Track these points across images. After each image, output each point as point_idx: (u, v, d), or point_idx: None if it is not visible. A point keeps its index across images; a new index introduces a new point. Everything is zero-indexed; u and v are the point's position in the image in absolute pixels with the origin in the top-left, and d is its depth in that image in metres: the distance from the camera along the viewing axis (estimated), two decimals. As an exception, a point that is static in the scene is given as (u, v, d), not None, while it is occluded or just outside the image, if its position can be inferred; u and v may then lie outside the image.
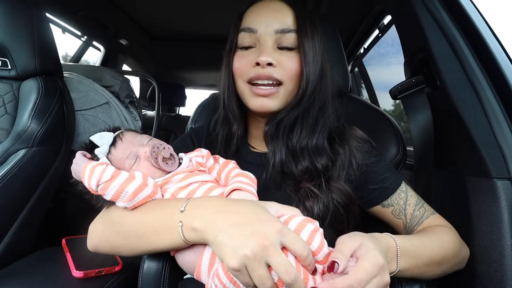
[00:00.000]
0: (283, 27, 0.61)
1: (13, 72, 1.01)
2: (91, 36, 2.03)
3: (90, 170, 0.55)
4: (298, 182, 0.62)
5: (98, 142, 0.63)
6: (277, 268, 0.42)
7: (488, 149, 0.61)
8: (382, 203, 0.64)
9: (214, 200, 0.52)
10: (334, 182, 0.61)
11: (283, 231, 0.44)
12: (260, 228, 0.44)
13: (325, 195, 0.60)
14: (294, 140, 0.64)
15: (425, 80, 0.76)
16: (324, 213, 0.59)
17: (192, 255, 0.54)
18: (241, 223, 0.46)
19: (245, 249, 0.42)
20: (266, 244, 0.42)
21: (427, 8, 0.71)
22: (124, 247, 0.58)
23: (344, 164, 0.63)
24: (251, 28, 0.62)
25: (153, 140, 0.66)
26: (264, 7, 0.63)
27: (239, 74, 0.64)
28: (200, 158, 0.67)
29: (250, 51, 0.63)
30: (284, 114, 0.64)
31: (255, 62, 0.60)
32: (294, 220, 0.49)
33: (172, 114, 2.96)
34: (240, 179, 0.59)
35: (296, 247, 0.44)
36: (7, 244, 0.93)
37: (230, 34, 0.67)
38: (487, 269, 0.59)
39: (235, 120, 0.69)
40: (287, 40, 0.62)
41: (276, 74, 0.60)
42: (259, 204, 0.51)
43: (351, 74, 2.03)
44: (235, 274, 0.44)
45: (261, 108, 0.63)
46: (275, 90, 0.61)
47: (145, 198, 0.56)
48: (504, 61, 0.66)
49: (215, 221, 0.47)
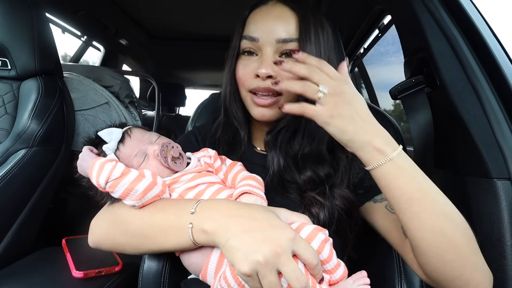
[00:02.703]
0: (284, 37, 0.59)
1: (13, 72, 1.01)
2: (91, 36, 2.03)
3: (100, 167, 0.54)
4: (303, 192, 0.62)
5: (106, 138, 0.62)
6: (289, 276, 0.42)
7: (488, 149, 0.61)
8: (374, 198, 0.62)
9: (226, 203, 0.52)
10: (337, 189, 0.61)
11: (295, 239, 0.44)
12: (273, 235, 0.44)
13: (330, 202, 0.59)
14: (295, 148, 0.64)
15: (425, 80, 0.76)
16: (330, 220, 0.58)
17: (199, 256, 0.54)
18: (253, 228, 0.45)
19: (257, 255, 0.42)
20: (278, 251, 0.42)
21: (427, 8, 0.71)
22: (128, 245, 0.57)
23: (346, 169, 0.62)
24: (253, 37, 0.60)
25: (162, 138, 0.66)
26: (266, 14, 0.61)
27: (242, 83, 0.63)
28: (208, 158, 0.67)
29: (253, 59, 0.62)
30: (284, 124, 0.64)
31: (255, 74, 0.59)
32: (305, 228, 0.49)
33: (172, 114, 2.97)
34: (249, 182, 0.58)
35: (307, 255, 0.44)
36: (7, 244, 0.93)
37: (233, 40, 0.65)
38: (487, 269, 0.59)
39: (239, 124, 0.69)
40: (291, 48, 0.59)
41: (275, 87, 0.59)
42: (271, 210, 0.51)
43: (351, 74, 2.03)
44: (245, 279, 0.44)
45: (261, 117, 0.62)
46: (275, 100, 0.60)
47: (154, 197, 0.55)
48: (504, 61, 0.65)
49: (227, 225, 0.47)
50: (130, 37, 2.14)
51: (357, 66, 2.05)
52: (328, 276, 0.47)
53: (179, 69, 2.92)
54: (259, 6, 0.63)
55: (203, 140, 0.75)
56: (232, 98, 0.68)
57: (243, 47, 0.63)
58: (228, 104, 0.69)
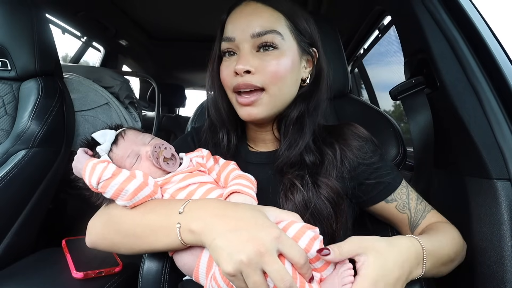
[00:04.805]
0: (259, 30, 0.59)
1: (13, 73, 1.01)
2: (91, 36, 2.03)
3: (91, 168, 0.55)
4: (284, 173, 0.62)
5: (100, 139, 0.63)
6: (273, 275, 0.42)
7: (488, 149, 0.61)
8: (386, 199, 0.64)
9: (213, 203, 0.52)
10: (322, 177, 0.61)
11: (280, 238, 0.44)
12: (257, 234, 0.44)
13: (308, 188, 0.59)
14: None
15: (425, 81, 0.76)
16: (305, 206, 0.58)
17: (190, 257, 0.54)
18: (239, 228, 0.45)
19: (240, 254, 0.42)
20: (262, 250, 0.42)
21: (427, 9, 0.71)
22: (122, 245, 0.58)
23: (333, 163, 0.62)
24: (229, 37, 0.61)
25: (155, 139, 0.66)
26: (239, 13, 0.62)
27: (226, 84, 0.64)
28: (200, 158, 0.67)
29: (233, 58, 0.62)
30: (285, 113, 0.64)
31: (234, 71, 0.60)
32: (293, 226, 0.48)
33: (172, 115, 2.96)
34: (240, 181, 0.59)
35: (293, 254, 0.44)
36: (7, 245, 0.93)
37: (215, 44, 0.66)
38: (487, 270, 0.59)
39: (224, 126, 0.69)
40: (267, 40, 0.59)
41: (255, 81, 0.59)
42: (258, 209, 0.50)
43: (351, 75, 2.03)
44: (230, 279, 0.44)
45: (248, 116, 0.62)
46: (257, 97, 0.60)
47: (145, 197, 0.56)
48: (504, 61, 0.66)
49: (213, 225, 0.47)
50: (130, 38, 2.14)
51: (357, 66, 2.05)
52: (318, 275, 0.47)
53: (179, 69, 2.92)
54: (234, 9, 0.64)
55: (199, 141, 0.76)
56: (218, 102, 0.68)
57: (223, 49, 0.63)
58: (212, 108, 0.69)
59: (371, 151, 0.65)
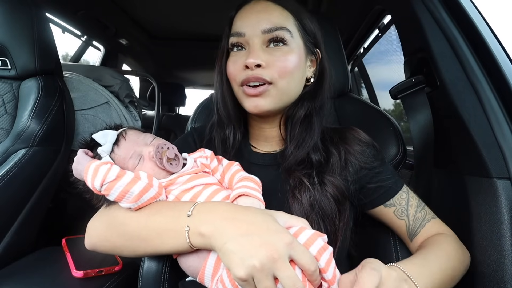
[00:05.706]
0: (269, 26, 0.60)
1: (13, 71, 1.01)
2: (91, 35, 2.03)
3: (94, 170, 0.53)
4: (292, 171, 0.62)
5: (100, 140, 0.62)
6: (284, 282, 0.41)
7: (488, 148, 0.61)
8: (385, 203, 0.64)
9: (223, 206, 0.51)
10: (327, 175, 0.61)
11: (292, 244, 0.44)
12: (270, 239, 0.43)
13: (314, 187, 0.60)
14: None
15: (425, 80, 0.76)
16: (312, 205, 0.58)
17: (196, 259, 0.53)
18: (250, 232, 0.45)
19: (253, 259, 0.41)
20: (275, 256, 0.42)
21: (427, 8, 0.71)
22: (125, 248, 0.57)
23: (338, 163, 0.63)
24: (239, 32, 0.62)
25: (157, 139, 0.65)
26: (249, 9, 0.63)
27: (232, 78, 0.64)
28: (204, 159, 0.66)
29: (241, 53, 0.63)
30: (291, 112, 0.65)
31: (244, 65, 0.60)
32: (304, 233, 0.48)
33: (172, 114, 2.97)
34: (247, 183, 0.58)
35: (305, 261, 0.43)
36: (7, 244, 0.93)
37: (222, 41, 0.67)
38: (487, 269, 0.59)
39: (231, 123, 0.69)
40: (277, 35, 0.61)
41: (265, 75, 0.60)
42: (269, 213, 0.50)
43: (351, 74, 2.03)
44: (241, 284, 0.43)
45: (254, 108, 0.62)
46: (265, 88, 0.61)
47: (150, 199, 0.55)
48: (504, 61, 0.65)
49: (224, 228, 0.47)
50: (130, 37, 2.14)
51: (357, 65, 2.05)
52: (326, 285, 0.46)
53: (179, 68, 2.92)
54: (243, 6, 0.65)
55: (200, 141, 0.76)
56: (226, 98, 0.68)
57: (231, 43, 0.64)
58: (221, 104, 0.70)
59: (372, 155, 0.65)
